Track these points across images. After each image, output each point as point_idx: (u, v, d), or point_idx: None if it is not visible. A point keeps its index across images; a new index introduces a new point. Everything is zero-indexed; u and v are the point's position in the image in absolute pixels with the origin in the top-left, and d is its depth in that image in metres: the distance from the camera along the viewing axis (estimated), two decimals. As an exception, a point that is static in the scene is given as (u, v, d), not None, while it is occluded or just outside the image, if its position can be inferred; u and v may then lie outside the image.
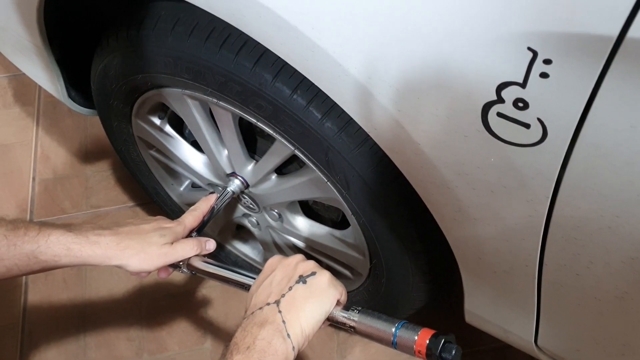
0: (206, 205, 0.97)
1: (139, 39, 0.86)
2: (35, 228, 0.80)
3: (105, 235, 0.82)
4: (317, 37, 0.64)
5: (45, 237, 0.79)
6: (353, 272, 1.07)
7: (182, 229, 0.90)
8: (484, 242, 0.74)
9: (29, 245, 0.78)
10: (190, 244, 0.89)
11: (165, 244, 0.86)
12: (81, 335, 1.26)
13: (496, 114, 0.58)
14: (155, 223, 0.89)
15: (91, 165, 1.49)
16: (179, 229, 0.90)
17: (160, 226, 0.88)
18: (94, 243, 0.81)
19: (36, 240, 0.79)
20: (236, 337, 0.68)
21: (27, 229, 0.79)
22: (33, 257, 0.79)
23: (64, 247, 0.80)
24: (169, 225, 0.89)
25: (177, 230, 0.89)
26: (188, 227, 0.92)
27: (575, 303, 0.73)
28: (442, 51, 0.58)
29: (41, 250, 0.79)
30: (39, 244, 0.78)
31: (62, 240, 0.80)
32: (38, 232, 0.79)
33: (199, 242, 0.90)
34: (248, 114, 0.84)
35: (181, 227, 0.90)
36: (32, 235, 0.79)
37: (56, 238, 0.79)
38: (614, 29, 0.48)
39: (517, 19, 0.52)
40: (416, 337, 0.69)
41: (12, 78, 1.64)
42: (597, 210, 0.60)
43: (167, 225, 0.89)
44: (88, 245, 0.81)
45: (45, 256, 0.79)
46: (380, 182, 0.80)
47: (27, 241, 0.78)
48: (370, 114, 0.68)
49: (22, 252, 0.78)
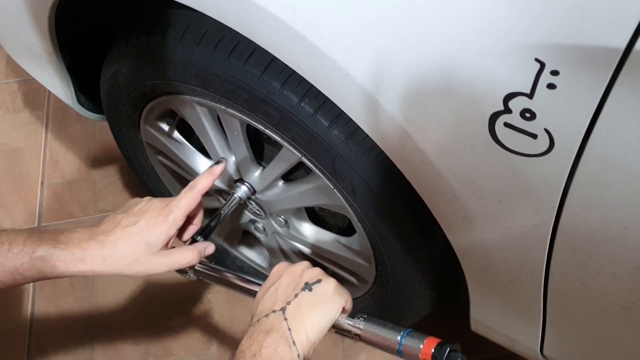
0: (206, 181, 0.87)
1: (148, 46, 0.87)
2: (19, 243, 0.75)
3: (91, 249, 0.77)
4: (325, 47, 0.64)
5: (29, 254, 0.75)
6: (359, 279, 1.07)
7: (174, 220, 0.82)
8: (491, 250, 0.74)
9: (12, 262, 0.75)
10: (187, 255, 0.83)
11: (156, 253, 0.80)
12: (88, 339, 1.27)
13: (503, 124, 0.58)
14: (144, 221, 0.80)
15: (99, 170, 1.50)
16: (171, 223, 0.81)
17: (148, 226, 0.80)
18: (79, 260, 0.77)
19: (20, 257, 0.75)
20: (242, 345, 0.68)
21: (11, 244, 0.75)
22: (18, 274, 0.75)
23: (49, 265, 0.76)
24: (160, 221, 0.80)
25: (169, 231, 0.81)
26: (182, 215, 0.83)
27: (581, 312, 0.73)
28: (450, 61, 0.58)
29: (25, 268, 0.75)
30: (22, 261, 0.75)
31: (48, 257, 0.75)
32: (22, 247, 0.75)
33: (198, 252, 0.84)
34: (256, 121, 0.85)
35: (173, 219, 0.82)
36: (15, 252, 0.75)
37: (41, 255, 0.75)
38: (621, 41, 0.48)
39: (524, 30, 0.53)
40: (421, 346, 0.69)
41: (22, 83, 1.65)
42: (604, 221, 0.60)
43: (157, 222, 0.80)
44: (73, 263, 0.77)
45: (30, 272, 0.76)
46: (387, 189, 0.80)
47: (10, 258, 0.74)
48: (377, 123, 0.68)
49: (5, 270, 0.75)
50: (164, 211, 0.82)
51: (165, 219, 0.82)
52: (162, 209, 0.82)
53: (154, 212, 0.82)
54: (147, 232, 0.80)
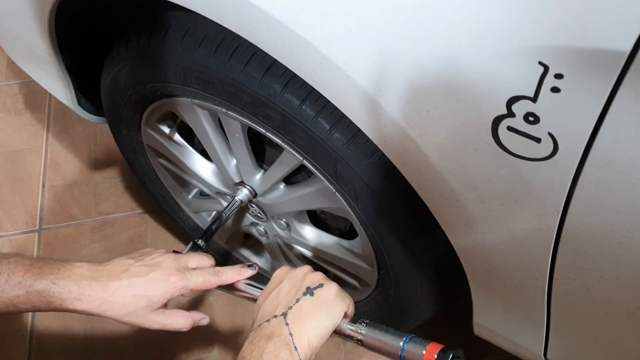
0: (231, 278, 0.84)
1: (149, 49, 0.86)
2: (19, 274, 0.75)
3: (91, 289, 0.76)
4: (326, 49, 0.64)
5: (26, 287, 0.74)
6: (361, 283, 1.07)
7: (182, 288, 0.80)
8: (493, 255, 0.73)
9: (8, 294, 0.74)
10: (182, 321, 0.81)
11: (153, 311, 0.78)
12: (89, 343, 1.26)
13: (506, 127, 0.57)
14: (153, 276, 0.78)
15: (100, 173, 1.50)
16: (178, 289, 0.79)
17: (155, 282, 0.78)
18: (75, 299, 0.76)
19: (16, 289, 0.74)
20: (244, 351, 0.68)
21: (9, 275, 0.74)
22: (12, 305, 0.75)
23: (44, 301, 0.75)
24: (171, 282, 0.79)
25: (173, 294, 0.80)
26: (191, 288, 0.81)
27: (585, 317, 0.73)
28: (452, 63, 0.57)
29: (21, 300, 0.75)
30: (18, 293, 0.74)
31: (44, 293, 0.75)
32: (21, 279, 0.74)
33: (192, 321, 0.82)
34: (257, 124, 0.84)
35: (182, 287, 0.80)
36: (13, 284, 0.74)
37: (37, 290, 0.75)
38: (626, 44, 0.48)
39: (528, 33, 0.52)
40: (424, 352, 0.68)
41: (22, 85, 1.65)
42: (609, 225, 0.59)
43: (167, 282, 0.79)
44: (69, 301, 0.76)
45: (25, 305, 0.75)
46: (389, 193, 0.80)
47: (7, 290, 0.74)
48: (379, 126, 0.68)
49: (0, 300, 0.74)
50: (177, 274, 0.80)
51: (175, 283, 0.79)
52: (176, 270, 0.80)
53: (167, 270, 0.80)
54: (152, 287, 0.78)
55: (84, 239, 1.40)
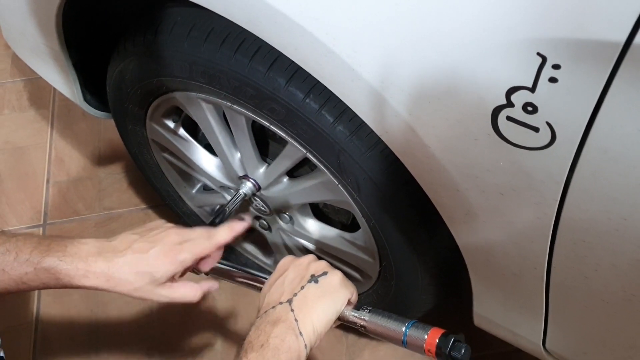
0: (225, 235, 0.86)
1: (155, 44, 0.88)
2: (26, 252, 0.76)
3: (97, 266, 0.77)
4: (331, 43, 0.65)
5: (34, 265, 0.76)
6: (363, 275, 1.08)
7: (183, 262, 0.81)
8: (493, 244, 0.75)
9: (17, 271, 0.76)
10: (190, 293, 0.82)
11: (160, 285, 0.79)
12: (93, 335, 1.28)
13: (506, 117, 0.59)
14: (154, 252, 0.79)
15: (104, 168, 1.51)
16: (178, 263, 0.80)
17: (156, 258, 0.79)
18: (83, 276, 0.77)
19: (25, 266, 0.75)
20: (250, 336, 0.69)
21: (18, 253, 0.76)
22: (22, 283, 0.76)
23: (52, 277, 0.76)
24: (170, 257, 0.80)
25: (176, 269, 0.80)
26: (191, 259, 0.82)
27: (583, 305, 0.74)
28: (454, 56, 0.59)
29: (30, 277, 0.76)
30: (27, 270, 0.76)
31: (52, 270, 0.76)
32: (29, 256, 0.76)
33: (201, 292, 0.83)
34: (261, 118, 0.86)
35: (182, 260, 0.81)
36: (21, 261, 0.76)
37: (45, 267, 0.76)
38: (621, 35, 0.49)
39: (527, 26, 0.54)
40: (426, 336, 0.70)
41: (27, 81, 1.66)
42: (605, 213, 0.60)
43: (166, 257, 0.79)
44: (77, 278, 0.77)
45: (34, 282, 0.77)
46: (391, 185, 0.81)
47: (15, 267, 0.75)
48: (382, 118, 0.69)
49: (10, 278, 0.76)
50: (176, 248, 0.81)
51: (174, 257, 0.80)
52: (176, 244, 0.81)
53: (166, 246, 0.80)
54: (154, 263, 0.79)
55: (88, 234, 1.42)
